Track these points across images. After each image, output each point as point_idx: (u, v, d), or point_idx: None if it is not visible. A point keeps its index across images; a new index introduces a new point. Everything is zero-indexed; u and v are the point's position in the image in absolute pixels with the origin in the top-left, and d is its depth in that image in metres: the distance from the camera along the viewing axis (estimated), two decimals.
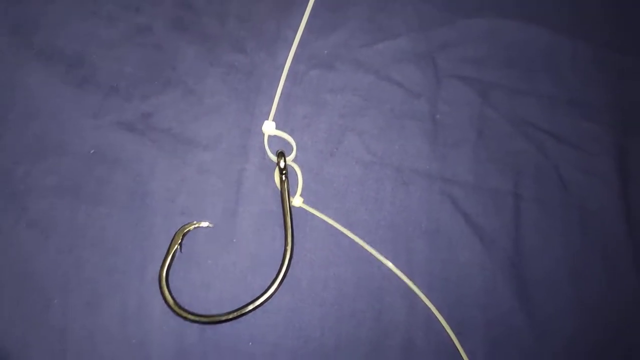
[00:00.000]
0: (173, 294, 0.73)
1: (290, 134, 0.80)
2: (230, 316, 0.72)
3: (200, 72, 0.84)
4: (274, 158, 0.78)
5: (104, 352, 0.72)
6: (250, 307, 0.72)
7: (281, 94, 0.82)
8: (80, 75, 0.84)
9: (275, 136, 0.81)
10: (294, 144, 0.79)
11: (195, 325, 0.73)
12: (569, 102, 0.85)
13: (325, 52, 0.86)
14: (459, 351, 0.73)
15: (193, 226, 0.76)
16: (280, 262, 0.74)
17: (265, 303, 0.73)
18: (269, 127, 0.79)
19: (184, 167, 0.79)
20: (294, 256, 0.75)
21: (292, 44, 0.84)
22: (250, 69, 0.84)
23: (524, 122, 0.83)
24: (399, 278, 0.75)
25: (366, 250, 0.76)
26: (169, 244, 0.75)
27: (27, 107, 0.82)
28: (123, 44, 0.85)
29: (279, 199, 0.78)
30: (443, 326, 0.73)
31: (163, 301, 0.73)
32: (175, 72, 0.84)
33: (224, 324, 0.73)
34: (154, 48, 0.85)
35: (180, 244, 0.75)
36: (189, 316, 0.72)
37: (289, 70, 0.83)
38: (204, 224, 0.76)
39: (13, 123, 0.81)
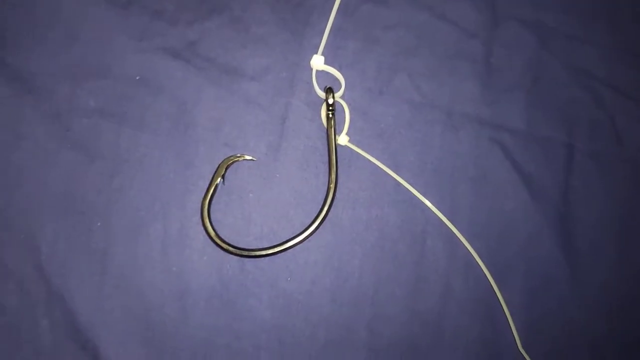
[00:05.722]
0: (214, 226, 0.69)
1: (338, 70, 0.74)
2: (270, 251, 0.69)
3: None
4: (321, 94, 0.72)
5: (144, 277, 0.70)
6: (291, 243, 0.69)
7: (331, 27, 0.75)
8: None
9: (323, 71, 0.75)
10: (342, 80, 0.73)
11: (235, 257, 0.69)
12: (628, 52, 0.77)
13: None
14: (497, 298, 0.69)
15: (237, 158, 0.71)
16: (322, 200, 0.70)
17: (306, 240, 0.69)
18: (317, 62, 0.73)
19: (229, 97, 0.74)
20: (337, 195, 0.71)
21: None
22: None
23: (581, 71, 0.76)
24: (442, 223, 0.70)
25: (410, 193, 0.71)
26: (211, 174, 0.71)
27: (70, 27, 0.76)
28: None
29: (324, 135, 0.72)
30: (483, 273, 0.69)
31: (204, 232, 0.69)
32: None
33: (263, 259, 0.69)
34: None
35: (223, 176, 0.70)
36: (229, 248, 0.68)
37: (340, 3, 0.76)
38: (248, 157, 0.71)
39: (56, 42, 0.76)
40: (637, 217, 0.72)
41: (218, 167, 0.71)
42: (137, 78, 0.74)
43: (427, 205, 0.70)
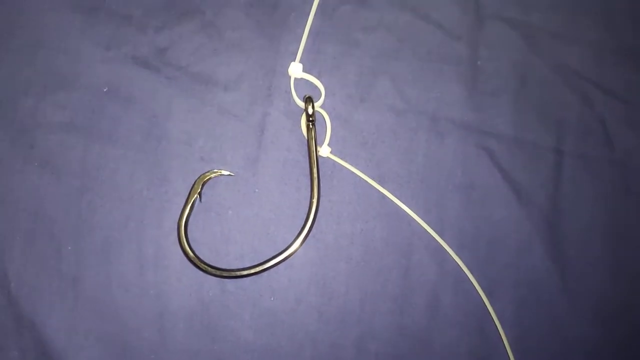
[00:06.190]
0: (192, 246, 0.66)
1: (317, 77, 0.70)
2: (252, 270, 0.65)
3: (220, 2, 0.73)
4: (301, 103, 0.69)
5: (120, 301, 0.66)
6: (273, 261, 0.65)
7: (309, 31, 0.71)
8: (90, 1, 0.73)
9: (302, 79, 0.71)
10: (322, 89, 0.70)
11: (215, 278, 0.66)
12: (618, 51, 0.74)
13: None
14: (488, 311, 0.66)
15: (213, 174, 0.67)
16: (305, 215, 0.67)
17: (289, 258, 0.66)
18: (295, 70, 0.69)
19: (203, 109, 0.70)
20: (320, 209, 0.67)
21: None
22: (276, 1, 0.73)
23: (569, 71, 0.73)
24: (429, 235, 0.67)
25: (396, 205, 0.68)
26: (186, 190, 0.67)
27: (33, 35, 0.72)
28: None
29: (305, 147, 0.69)
30: (473, 285, 0.67)
31: (182, 252, 0.66)
32: (193, 0, 0.73)
33: (245, 278, 0.66)
34: None
35: (199, 193, 0.66)
36: (209, 269, 0.65)
37: (318, 4, 0.72)
38: (225, 172, 0.67)
39: (18, 52, 0.72)
40: (627, 221, 0.69)
41: (194, 183, 0.67)
42: (105, 90, 0.70)
43: (413, 218, 0.68)
